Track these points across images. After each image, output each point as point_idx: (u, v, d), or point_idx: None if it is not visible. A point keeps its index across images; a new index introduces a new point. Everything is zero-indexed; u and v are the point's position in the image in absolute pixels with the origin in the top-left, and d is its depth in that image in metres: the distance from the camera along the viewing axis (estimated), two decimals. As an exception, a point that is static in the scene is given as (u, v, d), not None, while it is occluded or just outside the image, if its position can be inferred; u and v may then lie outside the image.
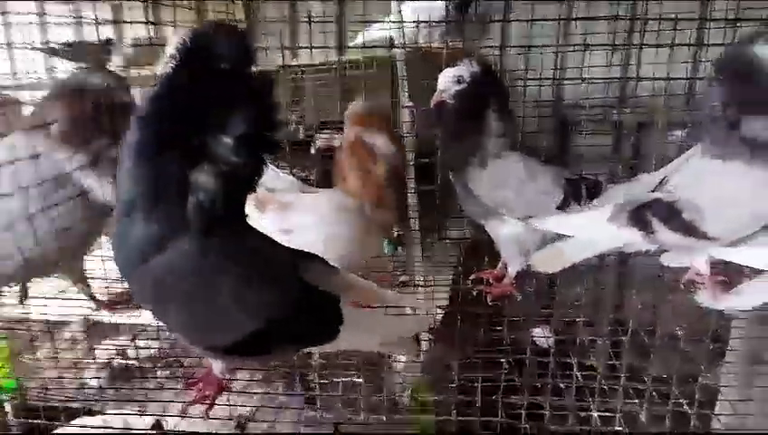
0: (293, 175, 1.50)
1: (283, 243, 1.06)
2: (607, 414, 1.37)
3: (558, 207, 1.36)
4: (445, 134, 1.41)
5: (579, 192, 1.37)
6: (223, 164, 0.81)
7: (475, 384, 1.37)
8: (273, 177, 1.41)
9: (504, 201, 1.37)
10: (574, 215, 1.34)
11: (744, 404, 1.53)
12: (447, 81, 1.34)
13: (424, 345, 1.94)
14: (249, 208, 1.36)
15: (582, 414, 1.37)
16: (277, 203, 1.35)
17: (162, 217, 0.83)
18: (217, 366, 1.10)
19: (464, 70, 1.33)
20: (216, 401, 1.15)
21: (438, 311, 1.54)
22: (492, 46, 1.98)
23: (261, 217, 1.36)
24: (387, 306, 1.10)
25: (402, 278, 1.70)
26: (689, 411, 1.40)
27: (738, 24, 1.43)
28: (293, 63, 2.21)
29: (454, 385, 1.43)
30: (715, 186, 1.19)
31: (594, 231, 1.29)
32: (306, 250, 1.30)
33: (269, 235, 1.35)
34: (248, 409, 1.42)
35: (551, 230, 1.35)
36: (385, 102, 1.81)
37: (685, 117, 1.58)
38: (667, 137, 1.61)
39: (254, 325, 0.90)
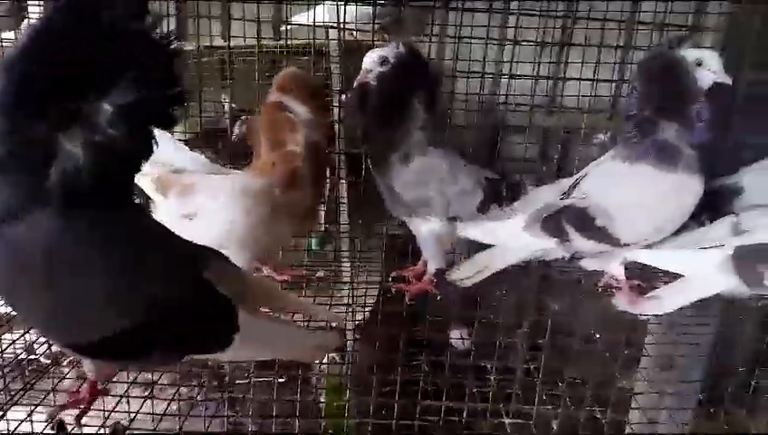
0: (205, 154, 1.37)
1: (184, 229, 0.94)
2: (519, 421, 1.34)
3: (478, 209, 1.32)
4: (367, 121, 1.33)
5: (499, 194, 1.33)
6: (98, 134, 0.69)
7: (393, 388, 1.34)
8: (182, 155, 1.29)
9: (425, 201, 1.32)
10: (493, 223, 1.31)
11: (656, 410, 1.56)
12: (372, 61, 1.26)
13: (349, 345, 1.88)
14: (150, 191, 1.28)
15: (496, 421, 1.34)
16: (180, 185, 1.22)
17: (21, 181, 0.71)
18: (87, 367, 0.96)
19: (389, 51, 1.26)
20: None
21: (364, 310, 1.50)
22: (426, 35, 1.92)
23: (163, 201, 1.24)
24: (307, 322, 1.03)
25: (319, 274, 1.61)
26: (601, 418, 1.38)
27: (666, 29, 1.44)
28: (221, 45, 2.08)
29: (373, 386, 1.41)
30: (623, 189, 1.20)
31: (512, 241, 1.28)
32: (209, 238, 1.23)
33: (170, 221, 1.25)
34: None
35: (472, 237, 1.33)
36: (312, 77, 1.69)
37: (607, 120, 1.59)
38: (591, 140, 1.61)
39: (125, 324, 0.77)
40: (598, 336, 1.51)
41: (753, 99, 1.39)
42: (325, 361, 1.94)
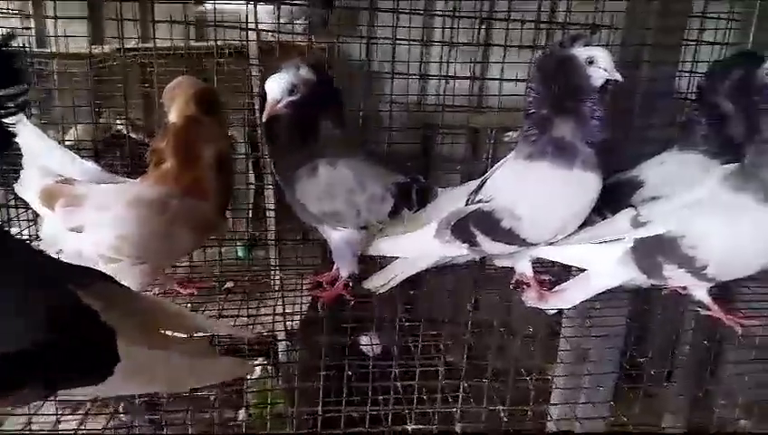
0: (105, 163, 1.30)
1: (72, 244, 0.88)
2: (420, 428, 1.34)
3: (389, 215, 1.30)
4: (277, 145, 1.28)
5: (409, 197, 1.32)
6: None
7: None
8: (71, 165, 1.20)
9: (333, 213, 1.28)
10: (403, 237, 1.30)
11: (575, 398, 1.59)
12: (280, 90, 1.18)
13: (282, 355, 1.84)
14: (36, 205, 1.20)
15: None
16: (68, 196, 1.14)
17: None
18: None
19: (295, 77, 1.19)
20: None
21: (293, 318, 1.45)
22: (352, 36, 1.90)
23: (50, 215, 1.16)
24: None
25: (228, 285, 1.55)
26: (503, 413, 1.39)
27: (567, 28, 1.47)
28: (137, 47, 1.98)
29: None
30: (524, 189, 1.20)
31: (423, 250, 1.29)
32: (99, 253, 1.15)
33: (57, 236, 1.17)
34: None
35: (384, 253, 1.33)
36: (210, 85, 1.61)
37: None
38: (503, 138, 1.62)
39: None
40: (508, 333, 1.52)
41: (651, 94, 1.44)
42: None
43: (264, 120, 1.20)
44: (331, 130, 1.26)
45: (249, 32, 1.74)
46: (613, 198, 1.30)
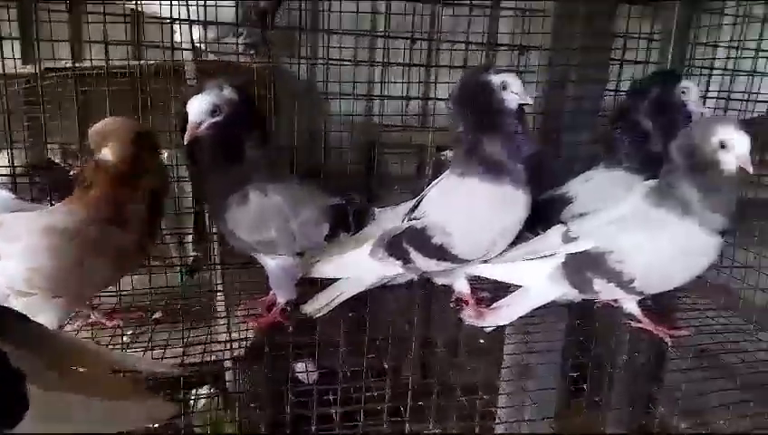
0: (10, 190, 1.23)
1: None
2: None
3: (326, 238, 1.28)
4: (201, 171, 1.25)
5: (346, 219, 1.30)
6: None
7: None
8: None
9: (268, 241, 1.25)
10: (341, 256, 1.29)
11: (518, 412, 1.60)
12: (201, 111, 1.15)
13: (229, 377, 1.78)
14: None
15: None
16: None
17: None
18: None
19: (218, 98, 1.16)
20: None
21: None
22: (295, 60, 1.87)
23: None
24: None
25: (156, 316, 1.47)
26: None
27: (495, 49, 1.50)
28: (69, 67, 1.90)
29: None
30: (455, 206, 1.22)
31: (360, 269, 1.27)
32: (10, 286, 1.08)
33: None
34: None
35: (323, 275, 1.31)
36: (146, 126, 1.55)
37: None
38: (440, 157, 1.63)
39: None
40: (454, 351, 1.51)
41: (577, 112, 1.48)
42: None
43: (185, 142, 1.16)
44: (256, 153, 1.22)
45: (185, 51, 1.71)
46: (545, 215, 1.33)
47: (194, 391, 1.86)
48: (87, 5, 1.67)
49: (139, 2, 1.78)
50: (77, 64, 1.90)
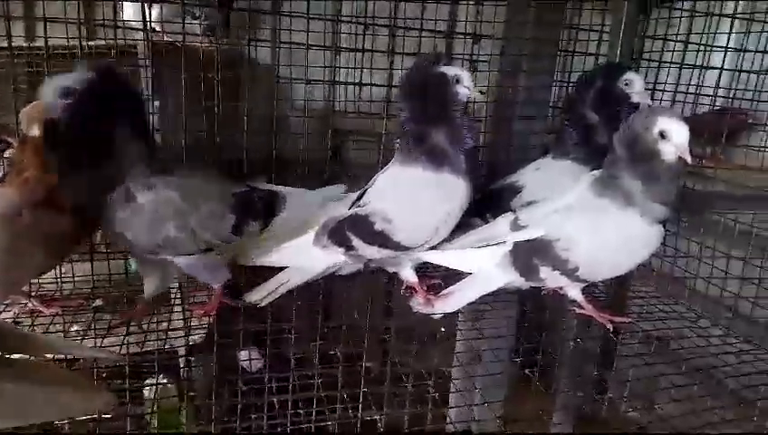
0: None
1: None
2: None
3: (233, 230, 1.20)
4: (64, 160, 1.10)
5: (254, 208, 1.23)
6: None
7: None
8: None
9: (165, 241, 1.14)
10: (284, 244, 1.27)
11: (468, 398, 1.62)
12: (52, 92, 1.05)
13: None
14: None
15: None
16: None
17: None
18: None
19: (74, 79, 1.06)
20: None
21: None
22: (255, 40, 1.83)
23: None
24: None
25: (98, 302, 1.40)
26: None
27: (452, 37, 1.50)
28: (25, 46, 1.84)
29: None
30: (396, 193, 1.22)
31: (304, 258, 1.26)
32: None
33: None
34: None
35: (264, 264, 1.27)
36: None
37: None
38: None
39: None
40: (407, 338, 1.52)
41: (528, 102, 1.49)
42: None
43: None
44: (131, 140, 1.11)
45: (139, 31, 1.66)
46: (494, 203, 1.36)
47: (147, 381, 1.83)
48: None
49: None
50: (30, 44, 1.85)
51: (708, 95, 1.54)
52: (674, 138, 1.08)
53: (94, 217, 1.20)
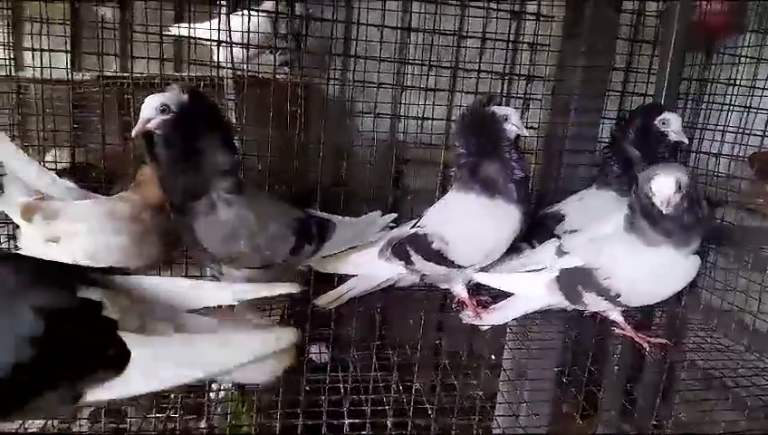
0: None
1: (49, 253, 0.94)
2: None
3: (290, 252, 1.32)
4: (161, 169, 1.21)
5: (310, 233, 1.36)
6: None
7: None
8: (48, 183, 1.34)
9: (236, 254, 1.26)
10: (353, 254, 1.42)
11: (515, 415, 1.71)
12: (151, 109, 1.16)
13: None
14: (16, 218, 1.32)
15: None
16: (45, 211, 1.26)
17: None
18: None
19: (171, 98, 1.17)
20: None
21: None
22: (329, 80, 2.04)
23: (28, 227, 1.28)
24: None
25: None
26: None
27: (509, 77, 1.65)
28: (116, 75, 2.13)
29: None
30: (453, 217, 1.37)
31: (369, 268, 1.42)
32: (74, 261, 1.25)
33: (34, 246, 1.29)
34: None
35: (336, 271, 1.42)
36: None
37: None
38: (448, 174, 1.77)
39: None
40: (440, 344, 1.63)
41: (577, 137, 1.62)
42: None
43: (133, 135, 1.19)
44: (218, 158, 1.22)
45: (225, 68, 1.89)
46: (540, 230, 1.48)
47: (213, 386, 2.00)
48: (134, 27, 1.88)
49: (182, 27, 2.00)
50: (126, 73, 2.14)
51: (753, 134, 1.60)
52: (657, 193, 1.18)
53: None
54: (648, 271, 1.26)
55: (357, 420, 1.42)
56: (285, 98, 1.77)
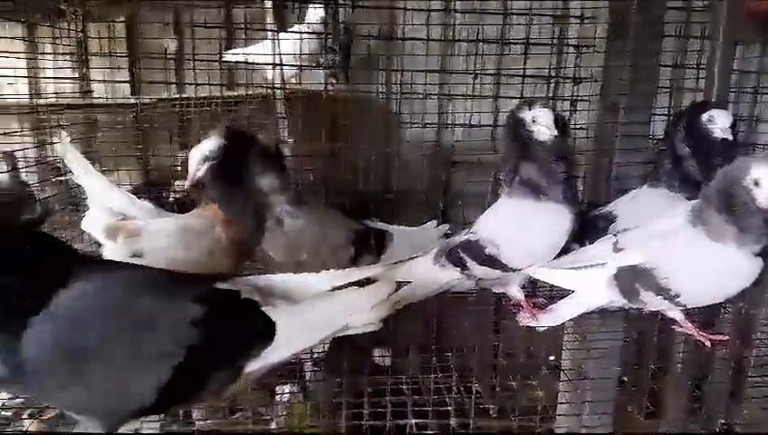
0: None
1: None
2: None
3: (350, 261, 1.43)
4: (223, 206, 1.40)
5: (368, 244, 1.45)
6: None
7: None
8: (128, 204, 1.46)
9: (299, 263, 1.39)
10: (407, 263, 1.47)
11: (578, 417, 1.71)
12: (196, 162, 1.36)
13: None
14: (100, 238, 1.44)
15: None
16: (128, 230, 1.38)
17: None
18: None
19: (208, 147, 1.36)
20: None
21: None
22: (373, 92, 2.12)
23: (112, 245, 1.40)
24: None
25: None
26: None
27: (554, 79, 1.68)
28: (176, 97, 2.27)
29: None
30: (501, 220, 1.41)
31: (424, 275, 1.45)
32: None
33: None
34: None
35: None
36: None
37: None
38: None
39: (164, 370, 0.80)
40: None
41: (626, 137, 1.62)
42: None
43: (186, 187, 1.38)
44: (271, 180, 1.39)
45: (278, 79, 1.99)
46: (592, 231, 1.49)
47: (278, 389, 2.09)
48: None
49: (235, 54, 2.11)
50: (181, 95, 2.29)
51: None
52: (764, 186, 1.15)
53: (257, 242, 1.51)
54: (712, 271, 1.25)
55: (420, 420, 1.46)
56: (334, 111, 1.86)
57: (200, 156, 1.35)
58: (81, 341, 0.78)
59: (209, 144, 1.36)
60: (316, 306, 0.95)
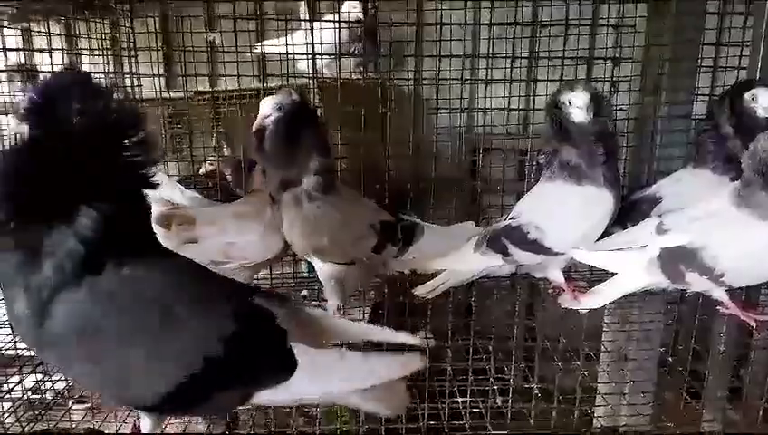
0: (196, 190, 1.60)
1: (188, 253, 1.04)
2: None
3: (373, 250, 1.42)
4: (266, 162, 1.41)
5: (394, 235, 1.44)
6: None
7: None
8: (179, 194, 1.52)
9: (318, 247, 1.39)
10: (448, 251, 1.48)
11: (618, 398, 1.71)
12: (269, 107, 1.33)
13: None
14: (153, 226, 1.49)
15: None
16: (181, 218, 1.43)
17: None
18: (146, 424, 0.91)
19: (283, 98, 1.34)
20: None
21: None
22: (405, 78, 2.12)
23: (166, 234, 1.43)
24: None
25: (304, 292, 1.75)
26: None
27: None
28: (210, 90, 2.31)
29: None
30: (544, 205, 1.42)
31: (465, 261, 1.48)
32: (210, 258, 1.38)
33: (173, 248, 1.44)
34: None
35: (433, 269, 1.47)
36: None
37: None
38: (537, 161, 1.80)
39: (179, 375, 0.80)
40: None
41: (669, 117, 1.60)
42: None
43: (253, 129, 1.33)
44: (314, 156, 1.35)
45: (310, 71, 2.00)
46: (635, 214, 1.48)
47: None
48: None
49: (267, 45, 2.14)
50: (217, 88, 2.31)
51: None
52: None
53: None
54: (759, 249, 1.24)
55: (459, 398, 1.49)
56: (365, 99, 1.87)
57: (274, 103, 1.33)
58: (106, 324, 0.79)
59: (282, 96, 1.34)
60: (341, 363, 0.88)
